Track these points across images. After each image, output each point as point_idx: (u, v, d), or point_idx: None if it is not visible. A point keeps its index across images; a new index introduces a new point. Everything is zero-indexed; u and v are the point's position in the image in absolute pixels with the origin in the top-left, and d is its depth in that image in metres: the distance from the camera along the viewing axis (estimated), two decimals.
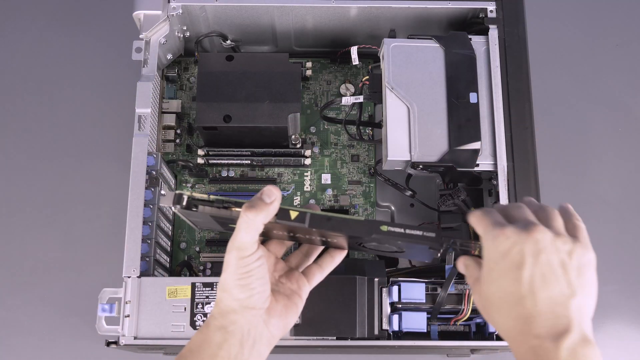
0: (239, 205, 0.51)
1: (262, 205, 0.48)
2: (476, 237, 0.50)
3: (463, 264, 0.52)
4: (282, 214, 0.51)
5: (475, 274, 0.49)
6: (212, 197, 0.53)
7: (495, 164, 0.69)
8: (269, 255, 0.56)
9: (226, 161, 0.81)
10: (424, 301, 0.65)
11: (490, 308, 0.46)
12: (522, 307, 0.43)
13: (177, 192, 0.53)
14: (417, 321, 0.65)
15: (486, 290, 0.46)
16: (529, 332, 0.43)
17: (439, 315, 0.66)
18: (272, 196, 0.49)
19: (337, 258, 0.58)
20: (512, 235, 0.45)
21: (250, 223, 0.48)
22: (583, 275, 0.45)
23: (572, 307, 0.44)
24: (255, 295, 0.50)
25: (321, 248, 0.59)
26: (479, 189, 0.75)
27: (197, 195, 0.53)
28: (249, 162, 0.81)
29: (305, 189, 0.82)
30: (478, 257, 0.50)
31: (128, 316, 0.64)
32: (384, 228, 0.51)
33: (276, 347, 0.65)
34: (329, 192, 0.82)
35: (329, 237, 0.54)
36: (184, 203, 0.53)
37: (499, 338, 0.66)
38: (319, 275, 0.57)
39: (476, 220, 0.48)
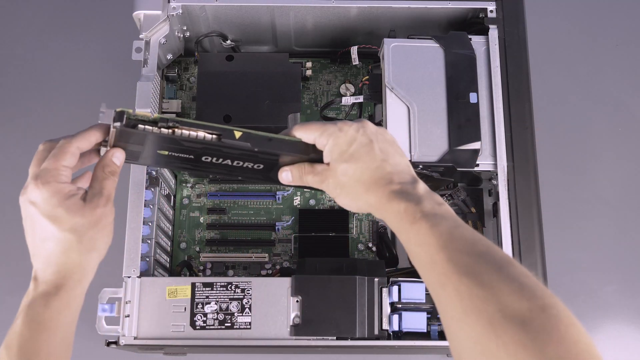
0: (186, 125, 0.52)
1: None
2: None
3: (294, 173, 0.57)
4: (226, 133, 0.53)
5: (317, 172, 0.55)
6: (155, 115, 0.52)
7: (495, 164, 0.69)
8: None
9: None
10: (424, 301, 0.65)
11: (352, 184, 0.53)
12: (382, 170, 0.52)
13: (118, 109, 0.51)
14: (417, 321, 0.65)
15: (343, 172, 0.53)
16: (390, 185, 0.51)
17: (439, 315, 0.66)
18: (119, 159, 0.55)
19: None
20: (352, 124, 0.54)
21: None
22: (405, 155, 0.56)
23: (412, 171, 0.54)
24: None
25: None
26: (479, 189, 0.75)
27: (138, 113, 0.52)
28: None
29: (305, 189, 0.82)
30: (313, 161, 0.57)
31: (128, 316, 0.64)
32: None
33: (276, 347, 0.65)
34: None
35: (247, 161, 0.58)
36: (124, 121, 0.51)
37: None
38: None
39: (305, 129, 0.55)
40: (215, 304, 0.66)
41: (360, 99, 0.75)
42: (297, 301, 0.65)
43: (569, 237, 0.93)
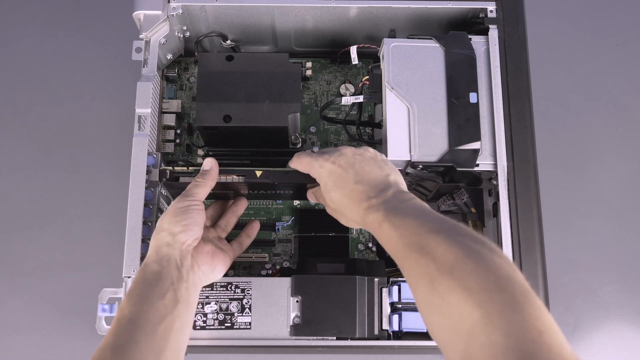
0: None
1: (204, 174, 0.66)
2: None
3: (312, 195, 0.69)
4: (249, 174, 0.66)
5: (322, 196, 0.64)
6: (190, 168, 0.67)
7: (495, 164, 0.69)
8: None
9: (226, 161, 0.81)
10: None
11: (339, 208, 0.61)
12: (355, 192, 0.58)
13: (161, 168, 0.68)
14: (417, 321, 0.65)
15: (330, 199, 0.61)
16: (363, 202, 0.57)
17: None
18: (207, 165, 0.66)
19: (252, 235, 0.75)
20: (329, 157, 0.62)
21: (199, 183, 0.65)
22: (388, 164, 0.62)
23: (389, 179, 0.59)
24: (187, 232, 0.60)
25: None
26: (479, 189, 0.75)
27: (177, 168, 0.68)
28: (249, 162, 0.81)
29: None
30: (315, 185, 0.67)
31: None
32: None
33: (276, 347, 0.65)
34: None
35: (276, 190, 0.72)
36: (167, 177, 0.68)
37: None
38: (239, 249, 0.72)
39: (298, 162, 0.65)
40: (215, 304, 0.66)
41: (360, 99, 0.75)
42: (297, 301, 0.65)
43: (569, 237, 0.93)
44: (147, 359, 0.52)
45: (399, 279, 0.66)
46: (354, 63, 0.79)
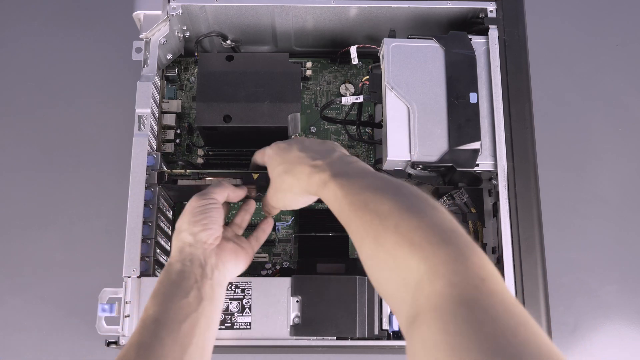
0: (211, 175, 0.68)
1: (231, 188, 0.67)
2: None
3: (266, 203, 0.69)
4: (245, 177, 0.68)
5: (270, 188, 0.66)
6: (188, 171, 0.68)
7: (495, 164, 0.69)
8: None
9: (226, 161, 0.81)
10: None
11: (285, 181, 0.61)
12: (300, 157, 0.60)
13: (159, 170, 0.68)
14: None
15: (278, 175, 0.62)
16: (309, 164, 0.58)
17: None
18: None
19: (267, 230, 0.72)
20: (274, 145, 0.64)
21: (223, 189, 0.65)
22: (335, 144, 0.63)
23: (335, 149, 0.61)
24: (207, 230, 0.60)
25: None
26: (479, 189, 0.75)
27: (175, 171, 0.69)
28: (249, 162, 0.81)
29: None
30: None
31: (128, 316, 0.64)
32: None
33: (276, 347, 0.65)
34: None
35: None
36: (166, 179, 0.68)
37: None
38: (257, 244, 0.70)
39: (255, 156, 0.68)
40: None
41: (360, 99, 0.75)
42: (297, 301, 0.65)
43: (569, 237, 0.93)
44: (171, 356, 0.52)
45: None
46: (354, 63, 0.79)
